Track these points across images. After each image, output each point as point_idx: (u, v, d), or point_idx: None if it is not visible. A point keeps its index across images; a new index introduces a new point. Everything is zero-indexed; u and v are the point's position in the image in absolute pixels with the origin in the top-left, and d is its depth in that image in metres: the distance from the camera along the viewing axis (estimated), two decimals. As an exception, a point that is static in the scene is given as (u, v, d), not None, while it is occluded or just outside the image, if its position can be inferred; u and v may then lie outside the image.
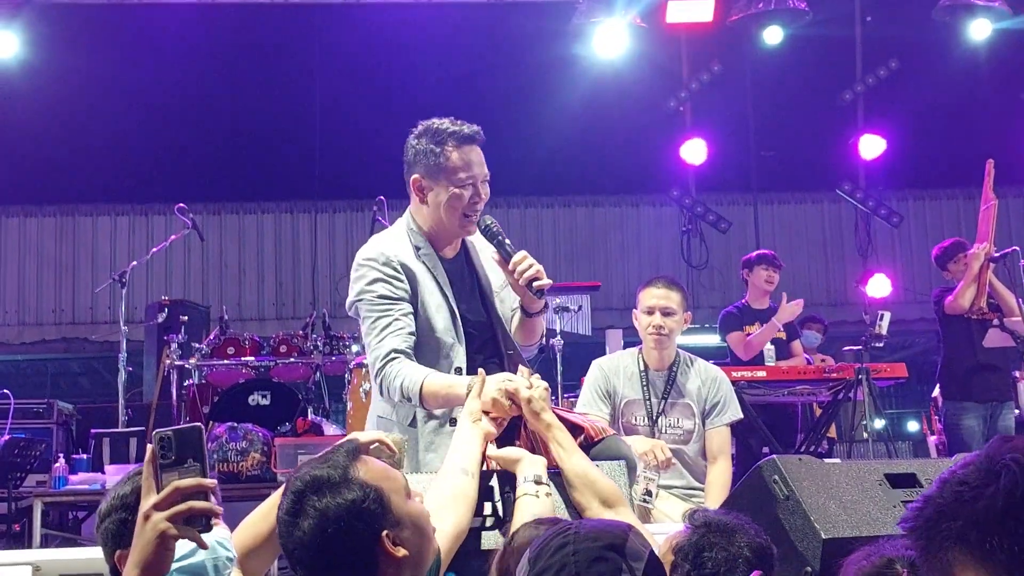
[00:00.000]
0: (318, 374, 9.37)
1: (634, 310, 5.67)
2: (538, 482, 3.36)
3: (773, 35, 13.19)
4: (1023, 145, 14.22)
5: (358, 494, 2.29)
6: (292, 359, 9.44)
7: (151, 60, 13.70)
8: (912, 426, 19.09)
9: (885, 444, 8.86)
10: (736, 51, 14.03)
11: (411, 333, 3.95)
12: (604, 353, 7.89)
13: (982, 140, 11.23)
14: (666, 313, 5.47)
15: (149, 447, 2.21)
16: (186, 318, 9.82)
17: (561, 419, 3.76)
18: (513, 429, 3.99)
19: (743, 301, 8.82)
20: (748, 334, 8.41)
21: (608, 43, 13.14)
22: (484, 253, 4.23)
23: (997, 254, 8.07)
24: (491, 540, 3.35)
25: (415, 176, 4.07)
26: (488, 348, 4.13)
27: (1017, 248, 8.13)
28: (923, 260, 14.87)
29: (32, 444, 8.79)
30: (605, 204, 16.55)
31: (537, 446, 3.82)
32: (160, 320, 10.26)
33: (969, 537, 1.52)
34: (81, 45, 13.14)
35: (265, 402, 9.05)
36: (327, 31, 13.73)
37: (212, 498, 2.21)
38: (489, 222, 4.02)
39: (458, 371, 3.96)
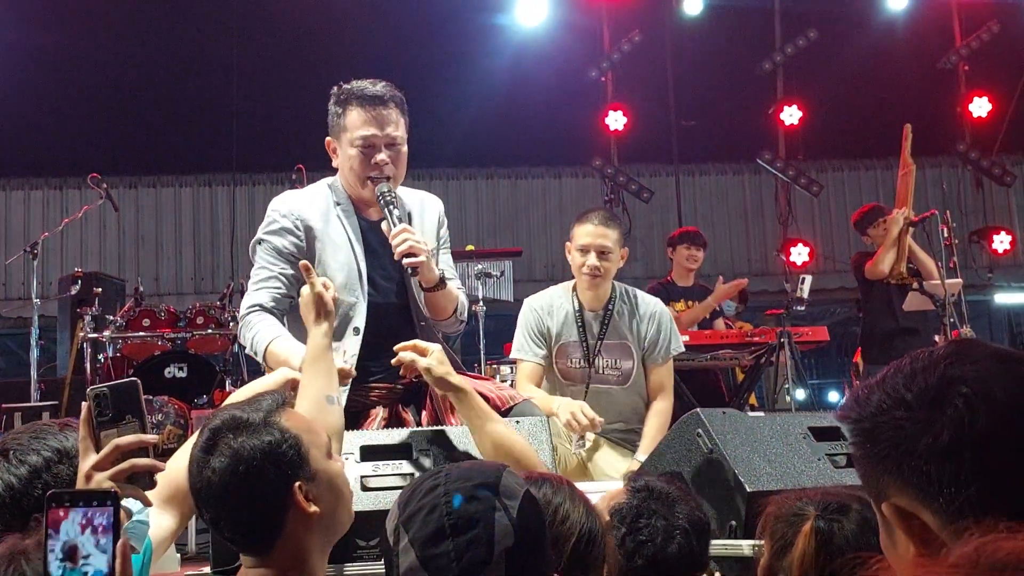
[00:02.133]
0: (236, 345, 9.20)
1: (567, 243, 5.33)
2: None
3: (693, 5, 13.25)
4: (941, 114, 14.40)
5: (276, 437, 2.21)
6: (209, 330, 9.26)
7: (65, 30, 13.40)
8: (833, 396, 19.28)
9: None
10: (657, 21, 14.05)
11: (284, 293, 3.94)
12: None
13: (900, 110, 11.29)
14: (601, 252, 5.16)
15: (84, 404, 2.16)
16: (100, 290, 9.57)
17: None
18: (419, 397, 4.01)
19: (668, 278, 8.80)
20: (676, 313, 8.41)
21: (529, 12, 13.10)
22: (422, 219, 4.20)
23: (916, 218, 8.14)
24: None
25: (328, 138, 4.09)
26: (399, 315, 4.08)
27: (936, 212, 8.20)
28: (843, 229, 15.04)
29: (-57, 420, 8.56)
30: (527, 175, 16.50)
31: (442, 417, 3.81)
32: (73, 292, 10.01)
33: (904, 469, 1.46)
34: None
35: (182, 374, 8.90)
36: (246, 1, 13.52)
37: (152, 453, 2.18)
38: (384, 190, 3.90)
39: (356, 330, 3.94)
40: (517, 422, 3.62)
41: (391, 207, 3.86)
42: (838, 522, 2.27)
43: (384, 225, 3.86)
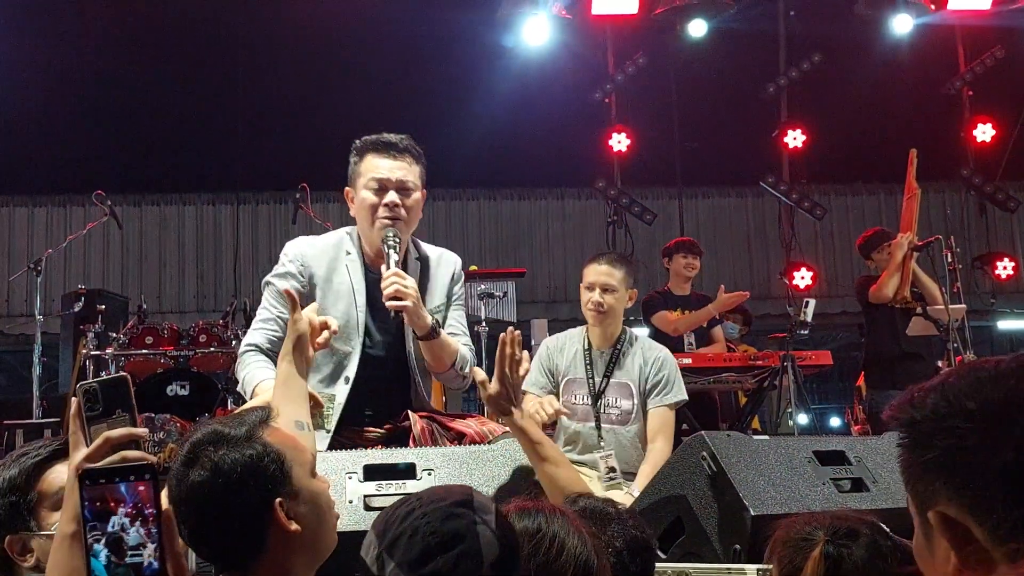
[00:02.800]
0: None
1: (581, 284, 5.56)
2: None
3: (697, 28, 13.24)
4: (944, 140, 14.41)
5: (258, 451, 2.16)
6: (212, 348, 9.28)
7: (70, 48, 13.43)
8: (835, 421, 19.26)
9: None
10: (661, 44, 14.05)
11: (280, 337, 3.92)
12: (530, 344, 7.87)
13: (904, 134, 11.30)
14: (606, 290, 5.37)
15: (73, 400, 2.17)
16: (103, 307, 9.57)
17: (446, 426, 3.93)
18: (405, 441, 4.03)
19: (664, 287, 8.82)
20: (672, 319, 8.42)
21: (534, 35, 13.12)
22: (436, 271, 4.31)
23: (920, 243, 8.13)
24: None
25: (347, 188, 4.20)
26: (395, 367, 4.17)
27: (940, 237, 8.21)
28: (845, 254, 15.04)
29: (-57, 436, 8.56)
30: (531, 196, 16.53)
31: (434, 438, 3.90)
32: (76, 309, 10.02)
33: (958, 480, 1.44)
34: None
35: (184, 392, 8.89)
36: (252, 20, 13.55)
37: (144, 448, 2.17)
38: (390, 235, 4.01)
39: (347, 379, 4.04)
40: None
41: (392, 251, 3.95)
42: (847, 547, 2.25)
43: (383, 268, 3.94)
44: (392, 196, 4.06)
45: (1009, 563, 1.37)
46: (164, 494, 2.10)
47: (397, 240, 4.00)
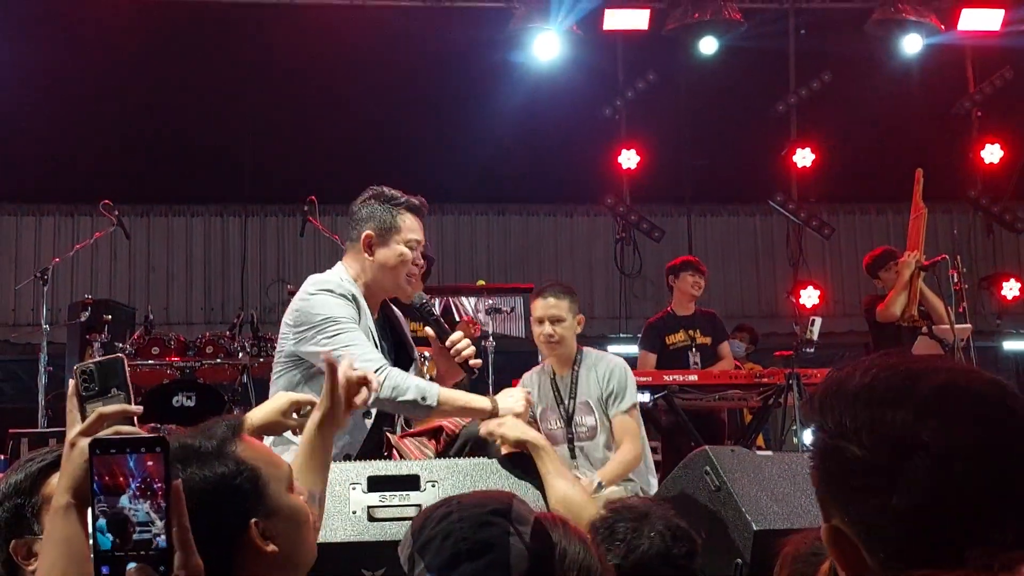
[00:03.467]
0: (245, 375, 9.22)
1: (532, 319, 6.00)
2: None
3: (708, 45, 13.27)
4: (953, 160, 14.41)
5: (230, 469, 2.04)
6: (219, 360, 9.30)
7: (79, 57, 13.46)
8: (840, 440, 19.19)
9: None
10: (671, 61, 14.09)
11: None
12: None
13: (913, 154, 11.29)
14: (555, 321, 5.78)
15: (71, 381, 2.18)
16: (110, 317, 9.60)
17: (419, 432, 4.17)
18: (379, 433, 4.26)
19: (668, 308, 8.82)
20: (670, 344, 8.43)
21: (545, 50, 13.15)
22: (403, 327, 4.62)
23: (927, 262, 8.14)
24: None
25: (368, 232, 4.33)
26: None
27: (946, 256, 8.22)
28: (853, 273, 15.01)
29: (-52, 443, 8.58)
30: (539, 212, 16.52)
31: (405, 454, 4.07)
32: (83, 319, 10.02)
33: (849, 507, 1.40)
34: (5, 41, 12.89)
35: (190, 403, 8.90)
36: (261, 32, 13.58)
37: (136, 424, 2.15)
38: (425, 300, 4.36)
39: (367, 415, 4.19)
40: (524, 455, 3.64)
41: (435, 315, 4.40)
42: None
43: (429, 330, 4.31)
44: (419, 259, 4.41)
45: None
46: None
47: (432, 303, 4.49)
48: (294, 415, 3.22)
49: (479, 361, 4.23)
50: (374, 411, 4.22)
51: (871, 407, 1.39)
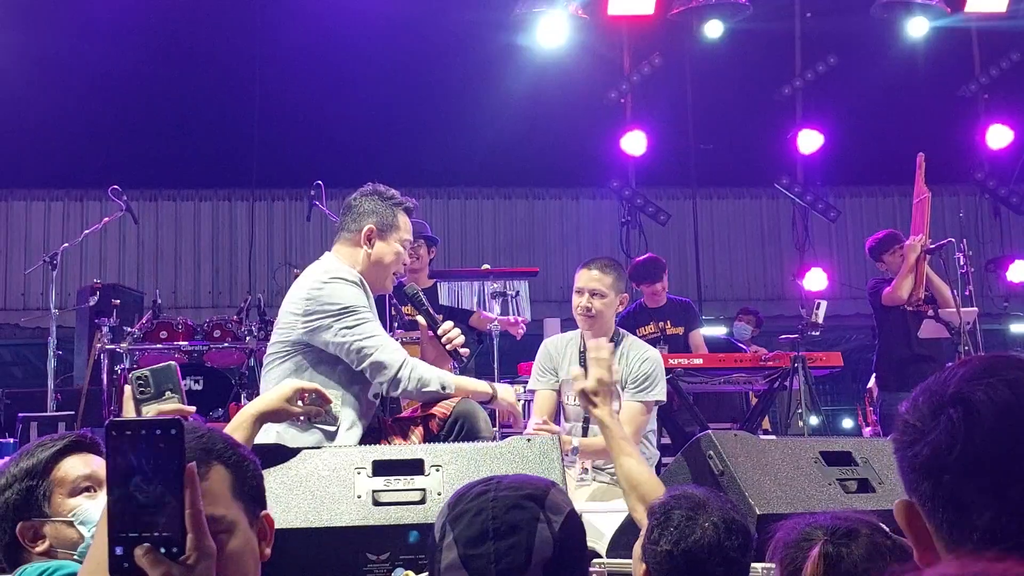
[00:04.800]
0: (252, 359, 9.24)
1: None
2: None
3: (713, 29, 13.26)
4: (959, 142, 14.40)
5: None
6: (226, 344, 9.31)
7: (87, 42, 13.47)
8: (846, 423, 19.19)
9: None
10: (677, 44, 14.07)
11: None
12: (539, 344, 7.91)
13: (919, 137, 11.27)
14: (594, 294, 5.57)
15: (126, 387, 2.41)
16: (118, 302, 9.62)
17: (409, 417, 4.33)
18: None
19: (641, 300, 8.86)
20: (643, 335, 8.44)
21: (550, 34, 13.14)
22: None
23: (933, 245, 8.14)
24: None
25: (370, 226, 4.45)
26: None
27: (952, 240, 8.22)
28: (859, 256, 14.99)
29: (-42, 428, 8.62)
30: (545, 196, 16.52)
31: (401, 434, 4.24)
32: (92, 304, 10.05)
33: (903, 472, 1.44)
34: (13, 26, 12.90)
35: (197, 387, 8.93)
36: (268, 17, 13.60)
37: None
38: (416, 290, 4.63)
39: (375, 396, 4.34)
40: (528, 440, 3.67)
41: (425, 304, 4.59)
42: (847, 547, 2.27)
43: (420, 319, 4.53)
44: (408, 256, 4.65)
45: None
46: None
47: (422, 293, 4.69)
48: (299, 402, 3.31)
49: (467, 350, 4.41)
50: (380, 394, 4.33)
51: (935, 379, 1.46)
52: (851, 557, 2.26)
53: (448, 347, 4.38)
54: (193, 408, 2.35)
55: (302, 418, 3.65)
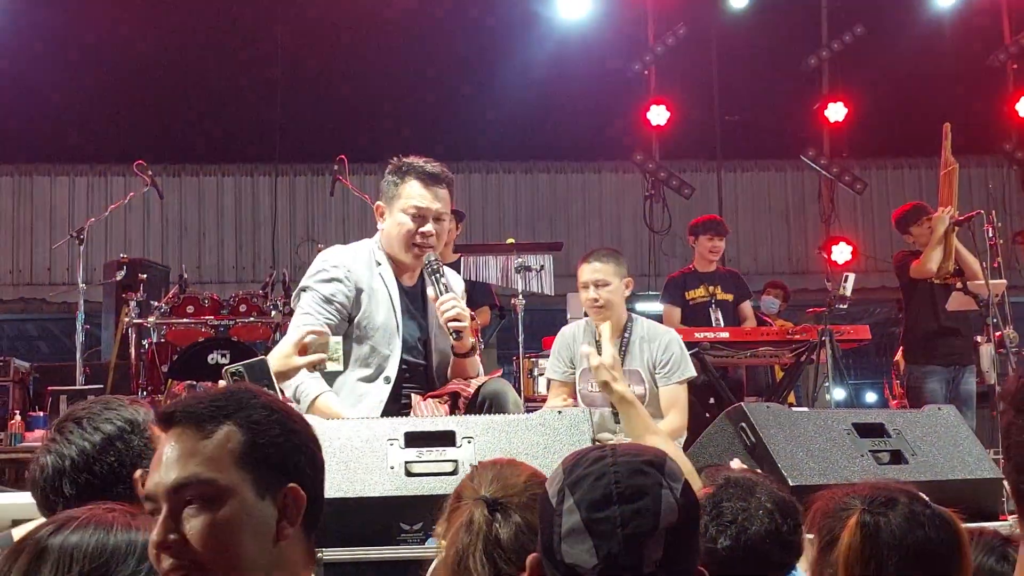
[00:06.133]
0: (278, 333, 9.26)
1: (578, 285, 5.95)
2: None
3: (739, -1, 13.19)
4: (987, 113, 14.28)
5: None
6: (252, 318, 9.34)
7: (111, 18, 13.49)
8: (871, 397, 19.18)
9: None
10: (702, 15, 13.98)
11: None
12: (564, 318, 7.90)
13: (947, 107, 11.20)
14: (599, 285, 5.75)
15: (221, 382, 2.55)
16: (145, 276, 9.67)
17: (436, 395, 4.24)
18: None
19: (691, 266, 8.80)
20: (691, 299, 8.41)
21: (572, 4, 13.08)
22: (453, 286, 4.49)
23: (961, 217, 8.08)
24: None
25: (378, 203, 4.42)
26: (420, 372, 4.44)
27: (981, 211, 8.14)
28: (886, 229, 14.90)
29: (-13, 401, 8.68)
30: (567, 170, 16.47)
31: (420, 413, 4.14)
32: (119, 278, 10.09)
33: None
34: (37, 3, 12.93)
35: (225, 361, 8.90)
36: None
37: None
38: (432, 259, 4.31)
39: (387, 379, 4.27)
40: (560, 412, 3.66)
41: (437, 275, 4.26)
42: (884, 516, 2.25)
43: (430, 291, 4.27)
44: (429, 227, 4.30)
45: None
46: None
47: (439, 265, 4.30)
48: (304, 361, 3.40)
49: (462, 325, 4.16)
50: (392, 376, 4.27)
51: None
52: (888, 526, 2.24)
53: (441, 320, 4.20)
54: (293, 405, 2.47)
55: (312, 368, 3.73)
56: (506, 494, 2.35)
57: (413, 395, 4.29)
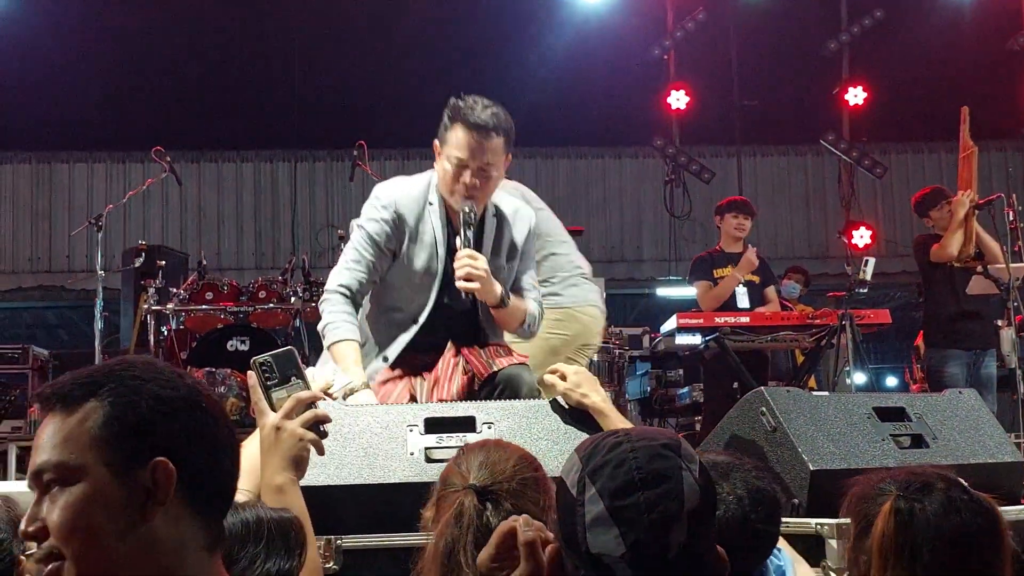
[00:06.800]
0: (298, 320, 9.26)
1: None
2: None
3: (758, -16, 13.14)
4: (1008, 96, 14.20)
5: None
6: (271, 304, 9.34)
7: (128, 5, 13.52)
8: (891, 381, 19.13)
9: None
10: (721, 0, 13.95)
11: (368, 279, 4.23)
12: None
13: (967, 91, 11.13)
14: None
15: (250, 373, 2.47)
16: (164, 263, 9.67)
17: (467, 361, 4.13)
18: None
19: (716, 248, 8.76)
20: (718, 278, 8.35)
21: (592, -7, 13.06)
22: (512, 228, 4.38)
23: (982, 201, 8.03)
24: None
25: (436, 140, 4.23)
26: (466, 317, 4.29)
27: (1001, 195, 8.09)
28: (906, 213, 14.87)
29: (7, 389, 8.71)
30: (587, 155, 16.46)
31: (444, 383, 4.09)
32: (137, 265, 10.10)
33: None
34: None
35: (244, 347, 8.95)
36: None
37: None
38: (467, 209, 4.12)
39: (415, 321, 4.21)
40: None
41: (464, 228, 4.10)
42: (919, 502, 2.21)
43: (458, 242, 4.10)
44: (469, 179, 4.10)
45: None
46: None
47: (473, 216, 4.12)
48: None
49: (470, 286, 3.98)
50: (422, 319, 4.21)
51: None
52: (924, 513, 2.19)
53: (456, 278, 4.04)
54: (321, 394, 2.50)
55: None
56: (495, 480, 2.32)
57: (450, 344, 4.20)
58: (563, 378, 3.55)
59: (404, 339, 4.20)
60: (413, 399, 4.11)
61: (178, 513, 1.69)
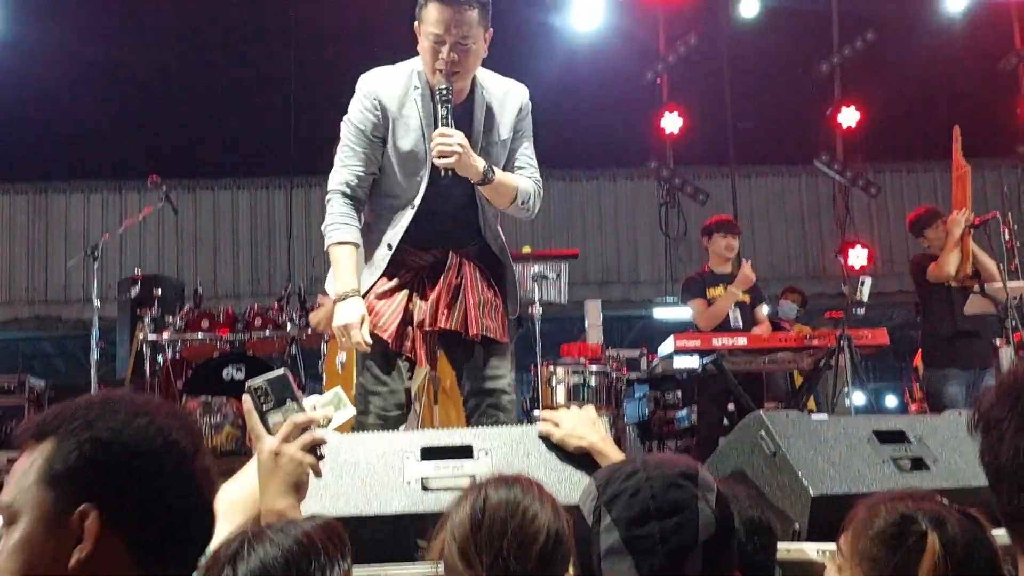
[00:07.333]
0: (294, 347, 9.24)
1: None
2: None
3: (749, 7, 13.19)
4: (1000, 116, 14.23)
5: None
6: (267, 332, 9.31)
7: (125, 36, 13.53)
8: (891, 401, 19.11)
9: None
10: (713, 23, 13.99)
11: (366, 171, 4.29)
12: (583, 326, 7.84)
13: (959, 111, 11.16)
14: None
15: (245, 397, 2.42)
16: (159, 291, 9.65)
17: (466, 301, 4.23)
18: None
19: (704, 268, 8.73)
20: (711, 299, 8.30)
21: (585, 15, 13.07)
22: (502, 107, 4.37)
23: (977, 220, 8.03)
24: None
25: (415, 22, 4.21)
26: (462, 195, 4.29)
27: (997, 214, 8.09)
28: (901, 232, 14.85)
29: (2, 421, 8.67)
30: (582, 178, 16.47)
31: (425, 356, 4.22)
32: (133, 294, 10.07)
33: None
34: (53, 21, 12.96)
35: (240, 376, 8.91)
36: (307, 6, 13.60)
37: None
38: (442, 87, 4.09)
39: (412, 206, 4.24)
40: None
41: (440, 105, 4.07)
42: (949, 530, 2.13)
43: (438, 120, 4.08)
44: (447, 53, 4.09)
45: None
46: None
47: (448, 95, 4.08)
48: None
49: (445, 161, 3.97)
50: (417, 202, 4.23)
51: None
52: (960, 542, 2.12)
53: (431, 153, 4.04)
54: (319, 416, 2.49)
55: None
56: (523, 553, 2.06)
57: (452, 257, 4.28)
58: (557, 425, 3.41)
59: (404, 222, 4.24)
60: (408, 320, 4.25)
61: (120, 561, 1.61)
